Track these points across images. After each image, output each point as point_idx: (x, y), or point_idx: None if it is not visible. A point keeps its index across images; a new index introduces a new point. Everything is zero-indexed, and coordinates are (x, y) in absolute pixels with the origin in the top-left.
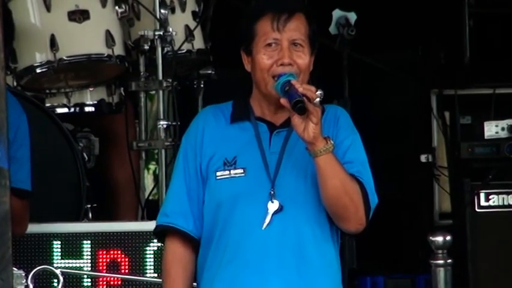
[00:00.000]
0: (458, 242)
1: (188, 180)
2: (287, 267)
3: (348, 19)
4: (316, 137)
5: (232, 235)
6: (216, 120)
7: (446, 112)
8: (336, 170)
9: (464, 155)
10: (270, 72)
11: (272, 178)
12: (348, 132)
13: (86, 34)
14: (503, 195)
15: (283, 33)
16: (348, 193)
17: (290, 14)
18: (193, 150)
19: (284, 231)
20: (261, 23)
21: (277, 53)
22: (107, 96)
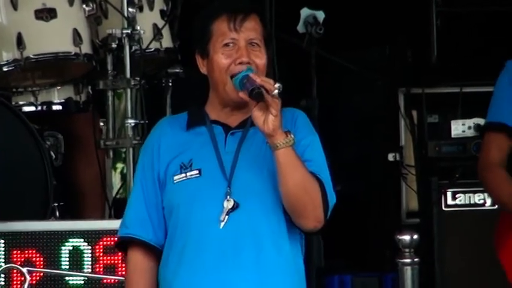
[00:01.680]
0: (425, 241)
1: (146, 191)
2: (245, 265)
3: (316, 18)
4: (275, 129)
5: (191, 235)
6: (172, 129)
7: (414, 111)
8: (296, 166)
9: (431, 153)
10: (228, 72)
11: (228, 177)
12: (306, 133)
13: (53, 32)
14: (470, 194)
15: (240, 33)
16: (307, 190)
17: (246, 14)
18: (151, 160)
19: (241, 229)
20: (217, 24)
21: (235, 53)
22: (75, 94)
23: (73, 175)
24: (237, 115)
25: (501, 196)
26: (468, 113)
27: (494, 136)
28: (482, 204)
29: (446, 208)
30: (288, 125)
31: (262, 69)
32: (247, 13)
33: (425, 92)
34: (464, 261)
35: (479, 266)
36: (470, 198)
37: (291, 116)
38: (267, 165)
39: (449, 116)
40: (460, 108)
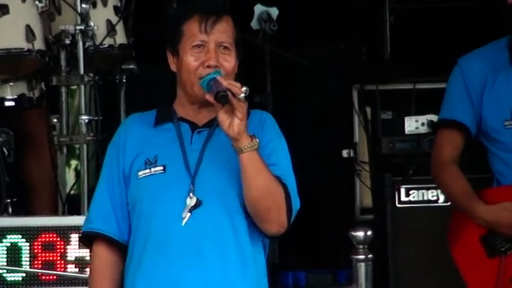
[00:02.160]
0: (379, 237)
1: (111, 186)
2: (205, 262)
3: (270, 14)
4: (240, 133)
5: (153, 231)
6: (138, 126)
7: (368, 107)
8: (260, 170)
9: (385, 150)
10: (196, 74)
11: (192, 174)
12: (273, 136)
13: (5, 29)
14: (423, 190)
15: (211, 35)
16: (271, 194)
17: (218, 16)
18: (116, 156)
19: (203, 226)
20: (188, 24)
21: (204, 55)
22: (28, 90)
23: (25, 171)
24: (204, 113)
25: (454, 194)
26: (422, 109)
27: (447, 133)
28: (436, 201)
29: (400, 204)
30: (256, 127)
31: (230, 73)
32: (220, 15)
33: (379, 88)
34: (418, 257)
35: (433, 262)
36: (423, 195)
37: (258, 118)
38: (232, 165)
39: (403, 113)
40: (413, 104)
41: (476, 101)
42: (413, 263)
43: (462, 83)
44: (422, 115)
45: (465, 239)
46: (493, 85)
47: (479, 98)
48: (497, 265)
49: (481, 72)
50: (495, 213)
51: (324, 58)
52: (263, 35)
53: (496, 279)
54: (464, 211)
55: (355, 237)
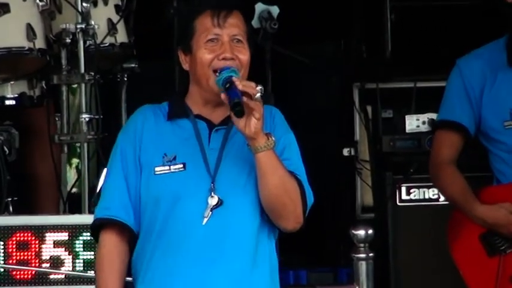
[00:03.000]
0: (379, 236)
1: (127, 175)
2: (226, 261)
3: (271, 13)
4: (257, 132)
5: (174, 230)
6: (155, 117)
7: (368, 106)
8: (276, 167)
9: (386, 148)
10: (211, 67)
11: (212, 173)
12: (284, 131)
13: (6, 27)
14: (424, 188)
15: (224, 28)
16: (287, 191)
17: (229, 10)
18: (133, 145)
19: (224, 225)
20: (200, 20)
21: (219, 48)
22: (28, 89)
23: (28, 169)
24: (220, 111)
25: (453, 194)
26: (422, 108)
27: (445, 134)
28: (436, 199)
29: (401, 203)
30: (268, 122)
31: (245, 65)
32: (231, 9)
33: (380, 87)
34: (419, 255)
35: (433, 260)
36: (424, 193)
37: (269, 113)
38: (251, 164)
39: (404, 111)
40: (414, 103)
41: (475, 101)
42: (414, 262)
43: (461, 84)
44: (423, 113)
45: (465, 238)
46: (492, 86)
47: (478, 99)
48: (497, 264)
49: (479, 73)
50: (493, 214)
51: (324, 56)
52: (264, 33)
53: (496, 277)
54: (463, 211)
55: (356, 236)
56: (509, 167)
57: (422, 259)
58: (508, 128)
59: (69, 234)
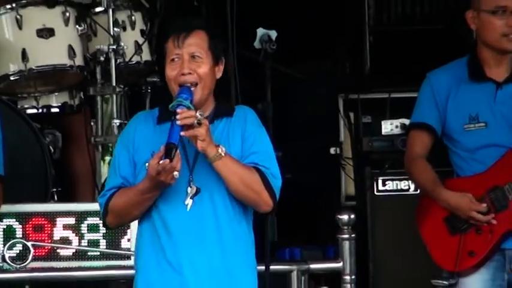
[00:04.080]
0: (360, 220)
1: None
2: (208, 242)
3: (270, 36)
4: (205, 149)
5: (163, 216)
6: (146, 122)
7: (351, 112)
8: (232, 170)
9: (365, 148)
10: (176, 82)
11: (191, 167)
12: (255, 127)
13: (51, 48)
14: (397, 181)
15: (183, 48)
16: (247, 185)
17: (188, 32)
18: (127, 145)
19: (203, 211)
20: (167, 44)
21: (180, 65)
22: (69, 99)
23: (69, 166)
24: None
25: (424, 182)
26: (395, 114)
27: (417, 133)
28: (407, 190)
29: (378, 193)
30: (241, 120)
31: (205, 77)
32: (190, 30)
33: (360, 97)
34: (392, 236)
35: (405, 239)
36: (397, 185)
37: (242, 113)
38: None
39: (380, 117)
40: (388, 110)
41: (441, 107)
42: (389, 241)
43: (430, 93)
44: (396, 119)
45: (431, 220)
46: (456, 95)
47: (444, 106)
48: (458, 241)
49: (446, 84)
50: (457, 199)
51: (315, 72)
52: (264, 53)
53: (457, 252)
54: (432, 196)
55: (340, 220)
56: (466, 163)
57: (395, 238)
58: (467, 130)
59: (76, 219)
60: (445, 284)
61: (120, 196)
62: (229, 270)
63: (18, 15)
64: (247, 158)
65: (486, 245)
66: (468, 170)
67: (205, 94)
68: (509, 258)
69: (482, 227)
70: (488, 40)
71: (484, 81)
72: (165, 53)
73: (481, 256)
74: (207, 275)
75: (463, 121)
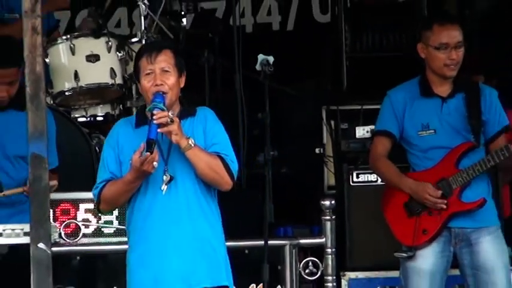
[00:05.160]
0: (339, 205)
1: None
2: (181, 218)
3: (268, 60)
4: (178, 141)
5: (145, 199)
6: (126, 127)
7: (332, 120)
8: (200, 157)
9: (343, 148)
10: (150, 92)
11: (165, 159)
12: (214, 123)
13: (97, 70)
14: (367, 174)
15: (155, 64)
16: (212, 169)
17: (158, 51)
18: (113, 146)
19: (177, 194)
20: (141, 61)
21: (153, 78)
22: (111, 110)
23: None
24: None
25: (391, 176)
26: (367, 122)
27: (380, 138)
28: (376, 181)
29: (353, 184)
30: (202, 119)
31: (173, 86)
32: (159, 50)
33: (339, 108)
34: (364, 218)
35: (374, 220)
36: (368, 177)
37: (203, 113)
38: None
39: (354, 124)
40: (361, 119)
41: (399, 118)
42: (362, 221)
43: (390, 107)
44: (367, 126)
45: (393, 206)
46: (410, 108)
47: (401, 116)
48: (414, 222)
49: (402, 99)
50: (416, 186)
51: (303, 89)
52: (263, 74)
53: (414, 231)
54: (398, 185)
55: (323, 205)
56: (420, 160)
57: (366, 220)
58: (420, 136)
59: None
60: (405, 256)
61: (109, 187)
62: (198, 238)
63: (72, 44)
64: (210, 147)
65: (436, 224)
66: (422, 166)
67: (173, 100)
68: (455, 234)
69: (433, 210)
70: (433, 68)
71: (432, 97)
72: (139, 68)
73: (432, 233)
74: (181, 242)
75: (417, 128)
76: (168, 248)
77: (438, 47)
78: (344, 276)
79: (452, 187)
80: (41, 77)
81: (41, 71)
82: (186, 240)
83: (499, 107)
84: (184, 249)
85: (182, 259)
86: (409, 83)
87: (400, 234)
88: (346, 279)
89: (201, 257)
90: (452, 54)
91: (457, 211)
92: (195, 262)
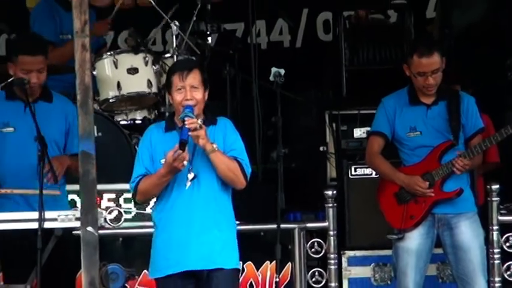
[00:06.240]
0: (340, 194)
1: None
2: (202, 210)
3: (280, 72)
4: (204, 144)
5: (173, 193)
6: (157, 132)
7: (333, 123)
8: (222, 160)
9: (343, 146)
10: (181, 104)
11: (190, 160)
12: (232, 132)
13: (136, 81)
14: (364, 168)
15: (186, 81)
16: (231, 170)
17: (189, 70)
18: (147, 146)
19: (199, 190)
20: (173, 78)
21: (184, 93)
22: (148, 114)
23: None
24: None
25: (384, 170)
26: (363, 124)
27: (375, 137)
28: (371, 174)
29: (352, 176)
30: (222, 128)
31: (200, 101)
32: (190, 69)
33: (340, 113)
34: (362, 205)
35: (370, 207)
36: (364, 171)
37: (223, 123)
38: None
39: (353, 126)
40: (358, 121)
41: (391, 121)
42: (359, 209)
43: (383, 112)
44: (364, 127)
45: (385, 195)
46: (400, 113)
47: (393, 120)
48: (403, 209)
49: (393, 106)
50: (408, 179)
51: (309, 96)
52: (276, 84)
53: (402, 216)
54: (392, 178)
55: (326, 194)
56: (409, 157)
57: (363, 207)
58: (409, 136)
59: (116, 194)
60: (395, 238)
61: (145, 181)
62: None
63: (115, 59)
64: (229, 153)
65: (421, 211)
66: (410, 161)
67: (200, 111)
68: (438, 219)
69: (419, 199)
70: (415, 86)
71: (418, 104)
72: (171, 83)
73: (418, 218)
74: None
75: (406, 131)
76: (190, 234)
77: (416, 74)
78: (344, 254)
79: (435, 179)
80: (89, 87)
81: (89, 82)
82: (205, 228)
83: (475, 111)
84: (203, 235)
85: (201, 243)
86: (399, 92)
87: (391, 219)
88: (346, 256)
89: (216, 243)
90: (429, 80)
91: (439, 199)
92: (212, 246)
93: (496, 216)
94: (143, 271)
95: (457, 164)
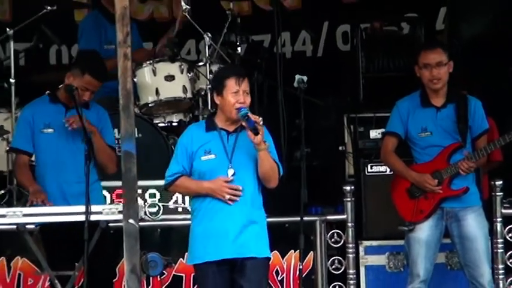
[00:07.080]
0: (357, 190)
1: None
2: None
3: (303, 79)
4: (260, 141)
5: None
6: (198, 131)
7: (351, 125)
8: (268, 158)
9: (360, 146)
10: (234, 106)
11: (229, 158)
12: (267, 137)
13: (173, 87)
14: (379, 166)
15: (241, 86)
16: (272, 169)
17: (244, 77)
18: (186, 145)
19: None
20: (228, 81)
21: (238, 96)
22: (184, 117)
23: None
24: (232, 125)
25: (398, 168)
26: (379, 126)
27: (389, 138)
28: (385, 172)
29: (368, 173)
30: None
31: (248, 103)
32: (244, 77)
33: (357, 116)
34: (377, 200)
35: (384, 202)
36: (379, 168)
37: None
38: (250, 152)
39: (368, 127)
40: (374, 123)
41: (404, 122)
42: (375, 203)
43: (398, 113)
44: (379, 129)
45: (398, 191)
46: (413, 115)
47: (406, 121)
48: (414, 203)
49: (407, 108)
50: (419, 177)
51: (330, 101)
52: (299, 89)
53: (413, 210)
54: (404, 176)
55: (345, 190)
56: (421, 156)
57: (378, 201)
58: (421, 137)
59: (142, 190)
60: (406, 229)
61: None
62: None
63: (154, 67)
64: None
65: (430, 206)
66: (422, 160)
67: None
68: (446, 212)
69: (429, 195)
70: (424, 83)
71: (429, 106)
72: (225, 85)
73: (427, 213)
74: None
75: (418, 131)
76: (227, 225)
77: (422, 66)
78: (361, 244)
79: (443, 177)
80: (130, 93)
81: (130, 88)
82: (241, 220)
83: (481, 113)
84: (240, 227)
85: (238, 234)
86: (412, 95)
87: (403, 213)
88: (363, 246)
89: (251, 234)
90: (433, 71)
91: (446, 195)
92: (247, 237)
93: (499, 210)
94: (179, 259)
95: (462, 166)
